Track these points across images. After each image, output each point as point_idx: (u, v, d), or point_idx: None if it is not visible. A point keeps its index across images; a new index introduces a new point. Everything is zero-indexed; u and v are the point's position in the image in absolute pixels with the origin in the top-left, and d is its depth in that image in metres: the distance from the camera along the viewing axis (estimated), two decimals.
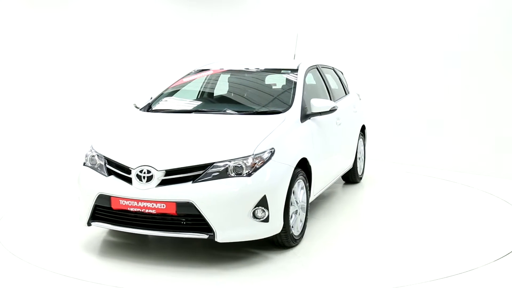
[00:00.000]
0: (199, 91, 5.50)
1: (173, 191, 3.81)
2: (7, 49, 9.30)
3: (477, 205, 5.78)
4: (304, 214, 4.51)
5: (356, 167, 6.48)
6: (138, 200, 3.86)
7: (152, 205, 3.83)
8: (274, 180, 3.96)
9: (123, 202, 3.91)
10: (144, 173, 3.89)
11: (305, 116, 4.76)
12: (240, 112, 4.73)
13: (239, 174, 3.87)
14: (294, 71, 5.23)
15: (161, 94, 5.35)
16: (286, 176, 4.08)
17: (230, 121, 4.60)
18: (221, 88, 5.56)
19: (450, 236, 4.73)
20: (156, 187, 3.85)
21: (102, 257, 4.19)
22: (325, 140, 5.10)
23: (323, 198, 5.89)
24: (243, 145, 4.02)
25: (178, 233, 3.88)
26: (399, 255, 4.26)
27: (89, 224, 4.15)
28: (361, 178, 6.76)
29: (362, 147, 6.75)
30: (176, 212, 3.81)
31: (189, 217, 3.83)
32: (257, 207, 3.87)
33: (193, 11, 10.55)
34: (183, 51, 10.37)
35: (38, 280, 3.80)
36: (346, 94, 6.45)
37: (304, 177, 4.46)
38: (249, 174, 3.87)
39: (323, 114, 4.91)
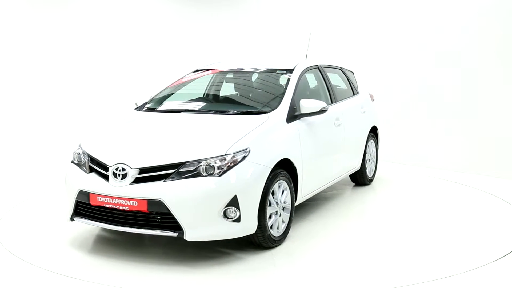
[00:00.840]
0: (194, 92, 5.54)
1: (145, 189, 3.89)
2: (6, 49, 9.29)
3: (477, 205, 5.78)
4: (288, 215, 4.49)
5: (365, 169, 6.38)
6: (112, 197, 3.97)
7: (125, 202, 3.92)
8: (246, 180, 3.97)
9: (100, 199, 4.04)
10: (119, 170, 3.99)
11: (294, 116, 4.75)
12: (226, 112, 4.74)
13: (210, 174, 3.90)
14: (290, 71, 5.21)
15: (157, 94, 5.46)
16: (261, 176, 4.08)
17: (213, 121, 4.62)
18: (215, 89, 5.60)
19: (450, 236, 4.73)
20: (130, 184, 3.94)
21: (102, 256, 4.19)
22: (317, 141, 5.03)
23: (325, 199, 5.88)
24: (216, 145, 4.06)
25: (148, 230, 3.93)
26: (398, 255, 4.26)
27: (72, 219, 4.29)
28: (371, 180, 6.61)
29: (374, 149, 6.62)
30: (147, 209, 3.87)
31: (159, 215, 3.89)
32: (228, 207, 3.89)
33: (193, 12, 10.54)
34: (185, 51, 10.36)
35: (38, 280, 3.80)
36: (354, 94, 6.35)
37: (288, 178, 4.45)
38: (220, 174, 3.89)
39: (313, 115, 4.88)
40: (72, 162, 4.48)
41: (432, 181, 6.91)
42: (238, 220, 3.92)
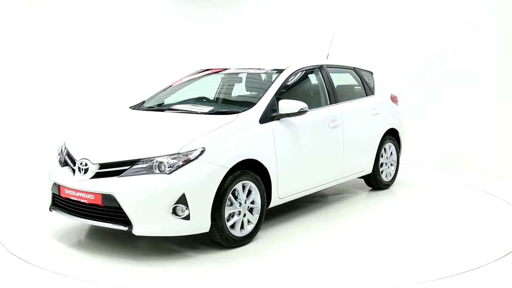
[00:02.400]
0: (189, 92, 5.58)
1: (101, 183, 4.10)
2: (6, 49, 9.29)
3: (477, 205, 5.78)
4: (257, 216, 4.48)
5: (379, 173, 6.18)
6: (75, 190, 4.22)
7: (85, 195, 4.15)
8: (197, 179, 4.02)
9: (66, 191, 4.31)
10: (83, 165, 4.23)
11: (271, 117, 4.71)
12: (201, 112, 4.81)
13: (162, 171, 4.00)
14: (280, 72, 5.18)
15: (155, 94, 5.58)
16: (214, 176, 4.09)
17: (181, 120, 4.71)
18: (208, 89, 5.64)
19: (451, 236, 4.73)
20: (90, 179, 4.16)
21: (104, 257, 4.19)
22: (300, 143, 4.92)
23: (328, 202, 5.83)
24: (170, 143, 4.16)
25: (100, 222, 4.14)
26: (397, 255, 4.25)
27: (50, 209, 4.55)
28: (388, 185, 6.37)
29: (393, 152, 6.40)
30: (102, 203, 4.06)
31: (113, 209, 4.04)
32: (177, 204, 3.97)
33: (194, 10, 10.53)
34: (189, 52, 10.35)
35: (38, 280, 3.80)
36: (367, 95, 6.15)
37: (256, 179, 4.44)
38: (170, 172, 3.98)
39: (291, 116, 4.80)
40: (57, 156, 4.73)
41: (432, 181, 6.91)
42: (187, 218, 3.99)
